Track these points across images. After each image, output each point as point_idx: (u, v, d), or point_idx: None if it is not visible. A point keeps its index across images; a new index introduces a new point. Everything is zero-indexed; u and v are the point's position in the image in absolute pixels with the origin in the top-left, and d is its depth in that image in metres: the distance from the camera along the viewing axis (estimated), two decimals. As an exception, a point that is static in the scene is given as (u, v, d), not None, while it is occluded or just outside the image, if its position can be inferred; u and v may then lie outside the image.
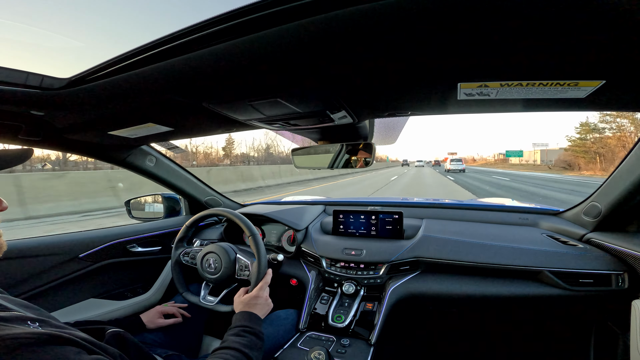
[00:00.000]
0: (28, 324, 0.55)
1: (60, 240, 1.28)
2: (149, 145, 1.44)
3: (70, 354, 0.50)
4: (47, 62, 18.16)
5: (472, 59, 0.53)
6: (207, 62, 0.56)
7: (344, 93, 0.74)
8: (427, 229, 1.35)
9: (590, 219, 1.19)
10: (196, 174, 1.71)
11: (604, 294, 1.02)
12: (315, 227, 1.53)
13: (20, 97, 0.71)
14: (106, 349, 0.61)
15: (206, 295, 1.19)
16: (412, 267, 1.23)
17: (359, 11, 0.39)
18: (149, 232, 1.56)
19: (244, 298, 1.00)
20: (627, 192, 1.01)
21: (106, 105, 0.81)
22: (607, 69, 0.55)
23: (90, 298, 1.35)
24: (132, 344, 0.81)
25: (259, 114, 0.88)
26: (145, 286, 1.55)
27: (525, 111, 0.83)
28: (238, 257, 1.16)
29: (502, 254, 1.14)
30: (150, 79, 0.64)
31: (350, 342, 1.08)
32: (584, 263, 1.05)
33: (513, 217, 1.47)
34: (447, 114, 0.91)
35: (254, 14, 0.42)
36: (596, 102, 0.72)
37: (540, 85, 0.62)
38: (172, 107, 0.85)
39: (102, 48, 24.47)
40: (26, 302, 0.68)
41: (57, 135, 1.05)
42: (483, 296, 1.13)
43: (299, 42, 0.48)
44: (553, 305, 1.14)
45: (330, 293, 1.29)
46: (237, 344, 0.81)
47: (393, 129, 1.26)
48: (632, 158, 0.97)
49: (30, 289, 1.17)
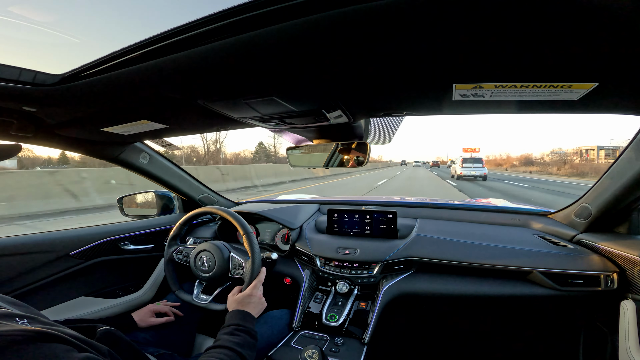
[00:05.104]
0: (16, 320, 0.54)
1: (51, 238, 1.27)
2: (143, 142, 1.43)
3: (60, 352, 0.49)
4: (41, 58, 17.96)
5: (467, 61, 0.53)
6: (202, 60, 0.56)
7: (340, 93, 0.75)
8: (420, 229, 1.36)
9: (581, 220, 1.21)
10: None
11: (593, 294, 1.04)
12: (309, 226, 1.53)
13: (12, 92, 0.70)
14: (97, 347, 0.60)
15: (199, 293, 1.18)
16: (405, 267, 1.23)
17: (354, 11, 0.39)
18: (141, 230, 1.55)
19: (238, 297, 0.99)
20: (618, 194, 1.02)
21: (100, 102, 0.80)
22: (600, 72, 0.55)
23: (82, 296, 1.33)
24: (123, 342, 0.81)
25: (255, 112, 0.88)
26: (138, 284, 1.54)
27: (519, 113, 0.84)
28: (232, 255, 1.15)
29: (494, 254, 1.15)
30: (145, 76, 0.63)
31: (343, 340, 1.08)
32: (574, 263, 1.06)
33: (505, 217, 1.48)
34: (442, 115, 0.92)
35: (249, 13, 0.42)
36: (589, 104, 0.73)
37: (534, 87, 0.63)
38: (166, 105, 0.84)
39: (96, 44, 23.85)
40: (15, 300, 0.67)
41: (50, 131, 1.03)
42: (475, 296, 1.14)
43: (295, 42, 0.48)
44: (543, 305, 1.15)
45: (324, 292, 1.30)
46: (230, 342, 0.80)
47: (388, 129, 1.26)
48: (623, 160, 0.99)
49: (20, 286, 1.15)
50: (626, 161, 0.98)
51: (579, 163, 46.44)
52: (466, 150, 45.76)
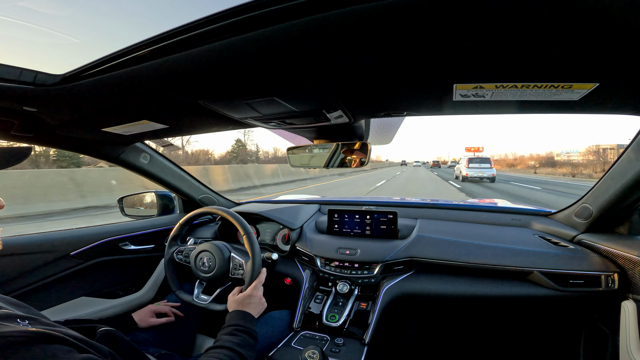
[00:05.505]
0: (17, 321, 0.54)
1: (51, 238, 1.27)
2: (143, 142, 1.43)
3: (60, 353, 0.49)
4: (41, 58, 18.03)
5: (467, 61, 0.53)
6: (203, 60, 0.56)
7: (340, 93, 0.74)
8: (421, 229, 1.36)
9: (582, 220, 1.21)
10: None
11: (594, 294, 1.03)
12: (310, 227, 1.53)
13: (13, 93, 0.70)
14: (97, 347, 0.60)
15: (200, 294, 1.18)
16: (406, 267, 1.23)
17: (354, 11, 0.39)
18: (142, 230, 1.55)
19: (238, 297, 0.99)
20: (618, 194, 1.02)
21: (100, 102, 0.81)
22: (600, 72, 0.55)
23: (82, 296, 1.33)
24: (123, 343, 0.81)
25: (255, 113, 0.88)
26: (138, 284, 1.54)
27: (520, 113, 0.84)
28: (232, 255, 1.15)
29: (495, 254, 1.15)
30: (146, 76, 0.63)
31: (344, 341, 1.08)
32: (575, 264, 1.06)
33: (506, 217, 1.48)
34: (442, 115, 0.92)
35: (250, 13, 0.42)
36: (589, 104, 0.73)
37: (535, 87, 0.63)
38: (167, 105, 0.84)
39: (97, 44, 24.27)
40: (15, 300, 0.67)
41: (50, 131, 1.03)
42: (475, 296, 1.13)
43: (295, 42, 0.48)
44: (544, 306, 1.15)
45: (324, 292, 1.30)
46: (230, 342, 0.80)
47: (389, 129, 1.26)
48: (624, 161, 0.99)
49: (21, 287, 1.15)
50: (626, 161, 0.98)
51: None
52: (469, 150, 43.80)
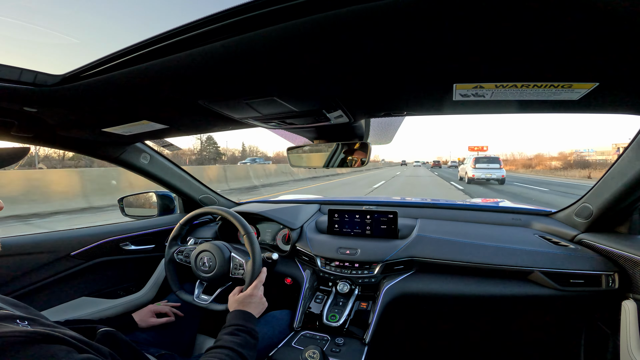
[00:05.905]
0: (17, 322, 0.54)
1: (51, 238, 1.27)
2: (144, 142, 1.43)
3: (60, 353, 0.49)
4: (41, 59, 17.99)
5: (467, 60, 0.53)
6: (203, 60, 0.55)
7: (340, 93, 0.74)
8: (421, 229, 1.36)
9: (582, 220, 1.21)
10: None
11: (594, 294, 1.03)
12: (310, 226, 1.53)
13: (13, 93, 0.70)
14: (97, 348, 0.60)
15: (200, 294, 1.18)
16: (406, 267, 1.23)
17: (354, 11, 0.39)
18: (142, 230, 1.55)
19: (239, 297, 0.99)
20: (619, 193, 1.02)
21: (100, 102, 0.80)
22: (600, 72, 0.55)
23: (82, 296, 1.33)
24: (124, 343, 0.81)
25: (255, 113, 0.88)
26: (138, 285, 1.54)
27: (520, 112, 0.84)
28: (232, 255, 1.15)
29: (495, 254, 1.15)
30: (146, 76, 0.63)
31: (344, 341, 1.08)
32: (575, 263, 1.06)
33: (506, 217, 1.48)
34: (442, 114, 0.92)
35: (250, 13, 0.42)
36: (589, 104, 0.73)
37: (535, 87, 0.63)
38: (167, 105, 0.84)
39: (97, 44, 24.17)
40: (15, 301, 0.67)
41: (50, 132, 1.03)
42: (476, 296, 1.13)
43: (295, 42, 0.48)
44: (544, 305, 1.15)
45: (324, 292, 1.30)
46: (231, 342, 0.80)
47: (389, 129, 1.26)
48: (624, 160, 0.99)
49: (21, 287, 1.15)
50: (627, 161, 0.98)
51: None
52: (472, 149, 42.35)
